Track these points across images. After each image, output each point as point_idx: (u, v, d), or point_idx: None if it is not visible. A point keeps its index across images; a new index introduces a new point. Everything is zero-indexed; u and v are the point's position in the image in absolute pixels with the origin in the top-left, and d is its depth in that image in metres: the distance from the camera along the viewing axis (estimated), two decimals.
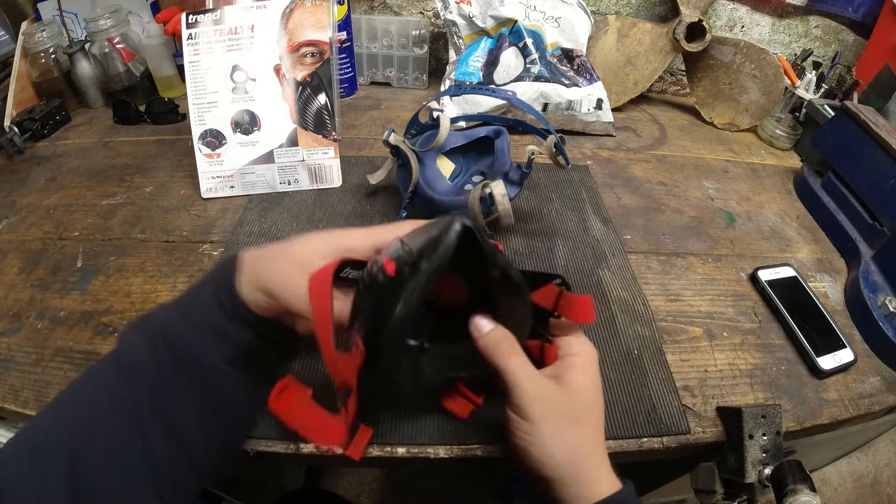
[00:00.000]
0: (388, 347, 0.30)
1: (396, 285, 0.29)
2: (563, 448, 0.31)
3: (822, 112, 0.75)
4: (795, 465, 0.38)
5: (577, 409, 0.32)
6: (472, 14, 0.77)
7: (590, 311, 0.35)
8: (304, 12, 0.59)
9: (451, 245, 0.29)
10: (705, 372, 0.47)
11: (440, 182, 0.59)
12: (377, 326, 0.30)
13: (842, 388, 0.47)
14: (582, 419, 0.32)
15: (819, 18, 0.90)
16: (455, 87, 0.74)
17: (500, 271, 0.31)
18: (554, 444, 0.31)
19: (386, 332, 0.29)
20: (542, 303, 0.36)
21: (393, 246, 0.32)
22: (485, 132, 0.60)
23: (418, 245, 0.30)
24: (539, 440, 0.31)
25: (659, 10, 0.89)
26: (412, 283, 0.29)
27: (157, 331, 0.32)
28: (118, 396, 0.30)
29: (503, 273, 0.31)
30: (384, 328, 0.29)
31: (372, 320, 0.30)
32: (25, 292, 0.50)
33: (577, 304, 0.35)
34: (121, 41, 0.77)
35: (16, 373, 0.43)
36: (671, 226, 0.63)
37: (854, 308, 0.54)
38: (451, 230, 0.29)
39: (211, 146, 0.61)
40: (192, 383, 0.31)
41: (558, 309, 0.36)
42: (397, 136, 0.56)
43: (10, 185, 0.64)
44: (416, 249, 0.30)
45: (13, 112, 0.72)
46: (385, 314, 0.29)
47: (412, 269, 0.29)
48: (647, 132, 0.83)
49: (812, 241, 0.63)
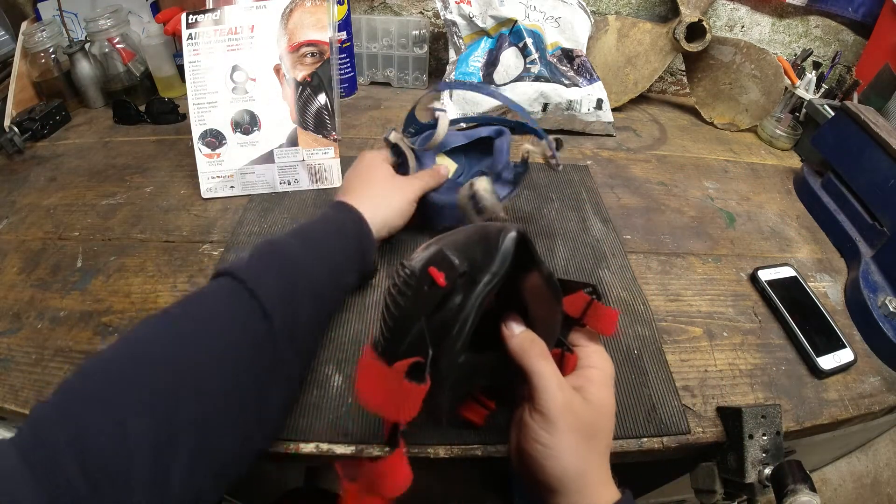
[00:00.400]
0: (446, 370, 0.28)
1: (450, 297, 0.28)
2: (576, 463, 0.30)
3: (822, 112, 0.75)
4: (795, 465, 0.38)
5: (596, 424, 0.32)
6: (472, 14, 0.77)
7: (613, 325, 0.34)
8: (304, 12, 0.59)
9: (510, 253, 0.27)
10: (705, 372, 0.47)
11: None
12: (438, 345, 0.28)
13: (842, 388, 0.47)
14: (597, 435, 0.32)
15: (819, 18, 0.90)
16: (445, 84, 0.74)
17: (545, 278, 0.30)
18: (568, 459, 0.30)
19: (447, 354, 0.27)
20: (570, 311, 0.35)
21: (427, 253, 0.30)
22: (487, 132, 0.60)
23: (468, 253, 0.29)
24: (555, 453, 0.30)
25: (659, 10, 0.89)
26: (471, 296, 0.27)
27: (290, 265, 0.37)
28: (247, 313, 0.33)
29: (546, 280, 0.30)
30: (445, 350, 0.27)
31: (432, 339, 0.28)
32: (25, 292, 0.50)
33: (605, 315, 0.34)
34: (121, 41, 0.77)
35: (16, 373, 0.43)
36: (671, 226, 0.63)
37: (854, 308, 0.54)
38: (506, 238, 0.28)
39: (211, 146, 0.61)
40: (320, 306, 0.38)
41: (585, 318, 0.35)
42: (398, 133, 0.56)
43: (10, 185, 0.64)
44: (466, 258, 0.28)
45: (13, 112, 0.72)
46: (441, 334, 0.27)
47: (469, 281, 0.27)
48: (647, 132, 0.83)
49: (812, 241, 0.63)
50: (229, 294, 0.34)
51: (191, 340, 0.31)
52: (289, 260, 0.37)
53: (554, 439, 0.30)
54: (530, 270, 0.31)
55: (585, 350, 0.35)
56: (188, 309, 0.33)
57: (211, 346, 0.31)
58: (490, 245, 0.28)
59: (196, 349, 0.30)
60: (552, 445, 0.30)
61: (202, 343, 0.31)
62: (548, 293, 0.31)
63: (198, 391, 0.29)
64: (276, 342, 0.33)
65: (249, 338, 0.32)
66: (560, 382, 0.31)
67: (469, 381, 0.35)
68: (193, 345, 0.31)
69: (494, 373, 0.35)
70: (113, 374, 0.28)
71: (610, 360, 0.35)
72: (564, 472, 0.30)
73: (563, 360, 0.36)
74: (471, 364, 0.35)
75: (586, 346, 0.36)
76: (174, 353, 0.30)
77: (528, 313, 0.34)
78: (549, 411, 0.30)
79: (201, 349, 0.30)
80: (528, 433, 0.31)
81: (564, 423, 0.30)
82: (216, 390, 0.30)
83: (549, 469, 0.30)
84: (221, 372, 0.30)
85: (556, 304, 0.32)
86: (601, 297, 0.35)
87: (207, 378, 0.30)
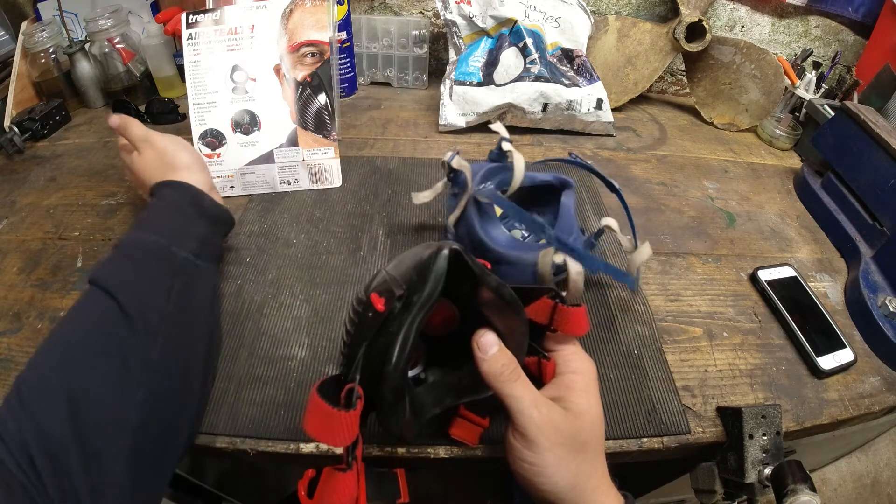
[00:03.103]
0: (388, 392, 0.28)
1: (389, 322, 0.28)
2: (566, 476, 0.30)
3: (822, 112, 0.75)
4: (795, 465, 0.38)
5: (581, 435, 0.31)
6: (472, 14, 0.77)
7: (583, 324, 0.34)
8: (305, 12, 0.59)
9: (442, 273, 0.28)
10: (705, 372, 0.47)
11: (495, 227, 0.48)
12: (376, 370, 0.28)
13: (842, 388, 0.47)
14: (586, 444, 0.32)
15: (819, 18, 0.90)
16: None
17: (494, 291, 0.30)
18: (557, 473, 0.30)
19: (387, 377, 0.28)
20: (537, 318, 0.35)
21: (378, 277, 0.30)
22: (549, 178, 0.52)
23: (406, 276, 0.29)
24: (543, 470, 0.30)
25: (659, 10, 0.89)
26: (407, 318, 0.27)
27: (129, 243, 0.40)
28: (94, 303, 0.35)
29: (496, 293, 0.30)
30: (385, 373, 0.28)
31: (370, 364, 0.29)
32: (25, 292, 0.50)
33: (572, 316, 0.34)
34: (121, 41, 0.77)
35: (16, 373, 0.42)
36: (671, 226, 0.63)
37: (854, 308, 0.54)
38: (438, 258, 0.28)
39: (211, 146, 0.61)
40: (168, 275, 0.38)
41: (553, 322, 0.34)
42: (462, 161, 0.48)
43: (10, 185, 0.64)
44: (404, 281, 0.29)
45: (13, 112, 0.72)
46: (383, 357, 0.28)
47: (405, 304, 0.28)
48: (647, 132, 0.83)
49: (812, 241, 0.63)
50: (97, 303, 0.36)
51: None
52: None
53: (539, 457, 0.30)
54: (480, 286, 0.30)
55: (563, 354, 0.35)
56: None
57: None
58: (424, 266, 0.28)
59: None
60: (538, 463, 0.30)
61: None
62: (504, 305, 0.31)
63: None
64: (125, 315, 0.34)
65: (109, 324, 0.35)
66: (535, 400, 0.31)
67: (445, 399, 0.35)
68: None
69: (473, 389, 0.35)
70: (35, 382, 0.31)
71: (589, 361, 0.35)
72: (556, 486, 0.30)
73: (540, 367, 0.35)
74: (444, 383, 0.36)
75: (563, 349, 0.35)
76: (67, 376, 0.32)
77: (493, 330, 0.33)
78: (529, 431, 0.30)
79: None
80: (514, 453, 0.32)
81: (546, 440, 0.30)
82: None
83: (539, 485, 0.31)
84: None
85: (516, 315, 0.32)
86: (564, 300, 0.34)
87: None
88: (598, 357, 0.47)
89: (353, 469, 0.28)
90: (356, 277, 0.52)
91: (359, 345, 0.29)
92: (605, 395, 0.44)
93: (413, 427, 0.33)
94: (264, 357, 0.45)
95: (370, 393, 0.29)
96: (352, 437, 0.27)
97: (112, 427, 0.30)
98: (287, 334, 0.47)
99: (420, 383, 0.37)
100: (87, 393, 0.30)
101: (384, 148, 0.73)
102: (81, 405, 0.30)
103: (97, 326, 0.34)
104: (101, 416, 0.30)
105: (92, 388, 0.31)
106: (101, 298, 0.35)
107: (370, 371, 0.29)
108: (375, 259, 0.55)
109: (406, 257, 0.31)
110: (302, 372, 0.44)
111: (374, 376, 0.29)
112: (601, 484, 0.32)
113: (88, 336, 0.33)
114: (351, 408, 0.26)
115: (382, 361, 0.28)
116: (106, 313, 0.34)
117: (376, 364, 0.28)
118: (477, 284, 0.30)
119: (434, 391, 0.35)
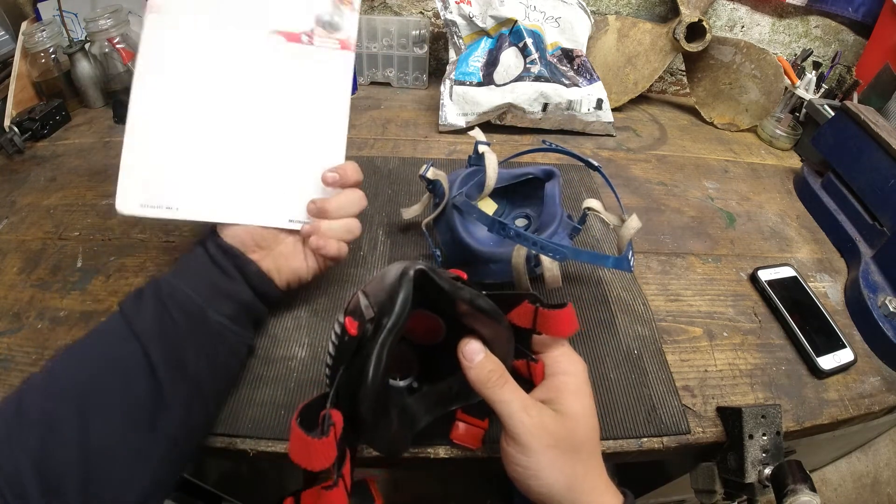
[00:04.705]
0: (367, 413, 0.29)
1: (363, 344, 0.28)
2: (561, 479, 0.30)
3: (822, 112, 0.75)
4: (795, 465, 0.38)
5: (573, 436, 0.31)
6: (472, 14, 0.77)
7: (568, 324, 0.34)
8: None
9: (409, 296, 0.28)
10: (705, 372, 0.47)
11: (478, 228, 0.50)
12: (354, 392, 0.29)
13: (842, 388, 0.47)
14: (580, 446, 0.32)
15: (819, 18, 0.90)
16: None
17: (469, 304, 0.30)
18: (552, 476, 0.30)
19: (363, 399, 0.28)
20: (521, 322, 0.35)
21: (353, 300, 0.31)
22: (533, 172, 0.53)
23: (377, 297, 0.29)
24: (537, 473, 0.30)
25: (659, 10, 0.89)
26: (377, 342, 0.28)
27: (166, 294, 0.37)
28: (127, 352, 0.34)
29: (472, 305, 0.30)
30: (360, 396, 0.28)
31: (349, 386, 0.29)
32: (25, 292, 0.50)
33: (555, 318, 0.34)
34: (121, 41, 0.77)
35: (16, 373, 0.43)
36: (671, 226, 0.63)
37: (854, 308, 0.54)
38: (404, 280, 0.28)
39: None
40: (200, 337, 0.37)
41: (537, 326, 0.34)
42: (437, 171, 0.50)
43: (10, 185, 0.64)
44: (376, 303, 0.29)
45: (13, 112, 0.72)
46: (359, 380, 0.28)
47: (375, 327, 0.28)
48: (647, 132, 0.83)
49: (812, 241, 0.63)
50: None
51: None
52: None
53: (531, 461, 0.30)
54: (460, 302, 0.30)
55: (552, 355, 0.35)
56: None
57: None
58: (391, 288, 0.29)
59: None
60: (531, 466, 0.30)
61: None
62: (482, 315, 0.31)
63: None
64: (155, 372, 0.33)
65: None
66: (525, 404, 0.31)
67: (438, 406, 0.35)
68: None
69: (464, 395, 0.35)
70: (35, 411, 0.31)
71: (580, 361, 0.35)
72: (551, 489, 0.30)
73: (529, 369, 0.35)
74: (436, 391, 0.36)
75: (551, 350, 0.35)
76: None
77: (477, 337, 0.33)
78: (520, 436, 0.30)
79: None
80: (507, 458, 0.32)
81: (538, 444, 0.30)
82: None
83: (535, 489, 0.31)
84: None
85: (497, 322, 0.32)
86: (543, 303, 0.34)
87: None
88: (598, 357, 0.47)
89: (339, 486, 0.28)
90: (356, 277, 0.52)
91: (337, 368, 0.30)
92: (605, 395, 0.44)
93: (405, 438, 0.33)
94: (264, 357, 0.44)
95: (352, 414, 0.30)
96: (329, 460, 0.27)
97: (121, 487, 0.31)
98: (287, 334, 0.46)
99: (413, 392, 0.37)
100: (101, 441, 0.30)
101: (384, 148, 0.73)
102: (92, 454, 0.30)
103: (123, 378, 0.33)
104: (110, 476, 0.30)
105: (107, 444, 0.31)
106: (131, 343, 0.34)
107: (349, 392, 0.29)
108: (375, 259, 0.55)
109: (382, 276, 0.31)
110: (302, 372, 0.44)
111: (352, 397, 0.29)
112: (599, 484, 0.32)
113: (111, 383, 0.33)
114: (324, 435, 0.27)
115: (359, 383, 0.28)
116: (132, 361, 0.34)
117: (354, 386, 0.29)
118: (452, 302, 0.31)
119: (426, 400, 0.36)
